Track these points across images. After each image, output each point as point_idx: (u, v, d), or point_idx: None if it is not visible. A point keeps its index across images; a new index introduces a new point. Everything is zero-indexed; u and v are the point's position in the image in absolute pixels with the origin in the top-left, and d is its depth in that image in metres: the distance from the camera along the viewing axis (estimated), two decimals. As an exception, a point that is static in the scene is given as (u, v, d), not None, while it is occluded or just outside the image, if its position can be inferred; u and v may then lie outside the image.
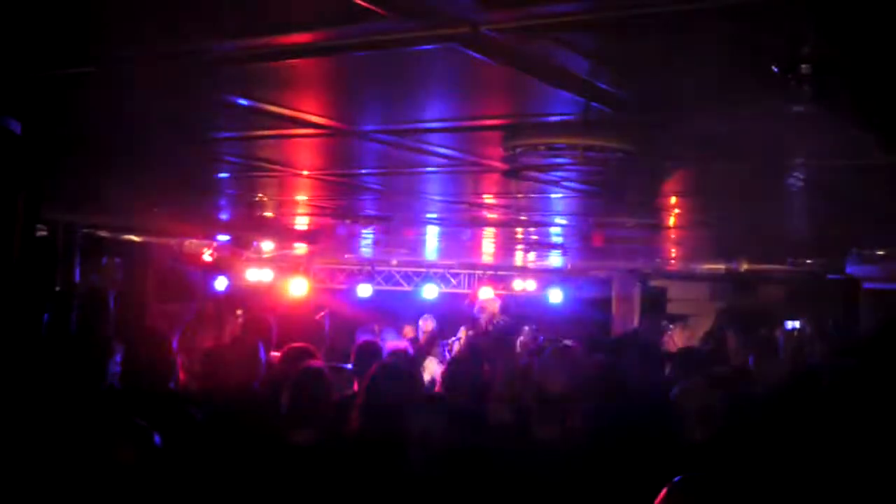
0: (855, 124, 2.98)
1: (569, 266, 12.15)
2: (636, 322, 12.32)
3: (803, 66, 2.18)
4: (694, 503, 2.66)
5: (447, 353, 9.28)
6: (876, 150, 3.41)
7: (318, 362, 4.83)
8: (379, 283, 13.39)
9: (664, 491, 2.67)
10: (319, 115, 3.27)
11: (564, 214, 6.48)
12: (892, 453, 3.77)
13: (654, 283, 12.47)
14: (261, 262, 11.03)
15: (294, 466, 3.93)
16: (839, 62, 2.21)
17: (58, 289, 7.01)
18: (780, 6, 1.90)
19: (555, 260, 11.16)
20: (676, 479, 2.71)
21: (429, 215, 6.87)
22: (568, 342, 7.25)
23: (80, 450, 3.18)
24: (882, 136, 3.16)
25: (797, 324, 8.87)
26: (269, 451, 4.01)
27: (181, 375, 5.22)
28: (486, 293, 12.50)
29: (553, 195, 5.16)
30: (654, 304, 11.96)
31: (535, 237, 8.45)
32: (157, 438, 3.24)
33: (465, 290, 13.60)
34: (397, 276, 13.73)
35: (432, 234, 8.68)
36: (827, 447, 3.88)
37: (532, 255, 10.61)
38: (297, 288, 11.27)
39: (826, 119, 2.87)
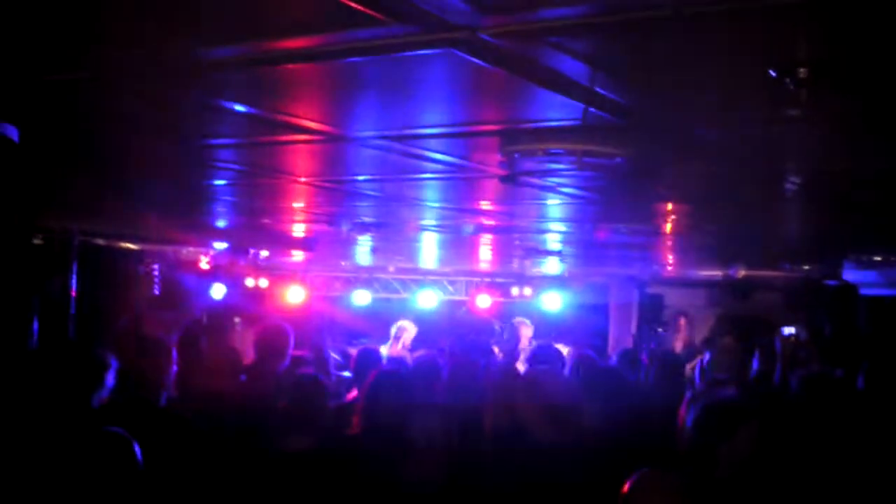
0: (852, 129, 2.98)
1: (566, 272, 12.13)
2: (633, 329, 12.31)
3: (800, 69, 2.18)
4: (654, 494, 2.70)
5: None
6: (873, 154, 3.42)
7: (310, 369, 4.83)
8: (377, 291, 13.36)
9: (628, 483, 2.73)
10: (316, 121, 3.27)
11: (562, 220, 6.47)
12: (880, 460, 3.77)
13: (651, 289, 12.45)
14: (258, 270, 11.01)
15: (292, 472, 3.92)
16: (836, 66, 2.21)
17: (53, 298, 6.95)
18: (777, 10, 1.90)
19: (552, 266, 11.15)
20: (641, 470, 2.77)
21: (426, 222, 6.86)
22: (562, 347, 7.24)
23: (58, 462, 3.11)
24: (879, 141, 3.16)
25: (793, 330, 8.86)
26: (266, 458, 4.01)
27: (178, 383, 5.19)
28: (483, 301, 12.48)
29: (550, 201, 5.16)
30: (652, 310, 11.93)
31: (532, 243, 8.44)
32: (137, 450, 3.16)
33: (463, 298, 13.57)
34: (395, 284, 13.69)
35: (430, 241, 8.66)
36: (819, 455, 3.87)
37: (529, 262, 10.60)
38: (294, 295, 11.25)
39: (824, 124, 2.88)
